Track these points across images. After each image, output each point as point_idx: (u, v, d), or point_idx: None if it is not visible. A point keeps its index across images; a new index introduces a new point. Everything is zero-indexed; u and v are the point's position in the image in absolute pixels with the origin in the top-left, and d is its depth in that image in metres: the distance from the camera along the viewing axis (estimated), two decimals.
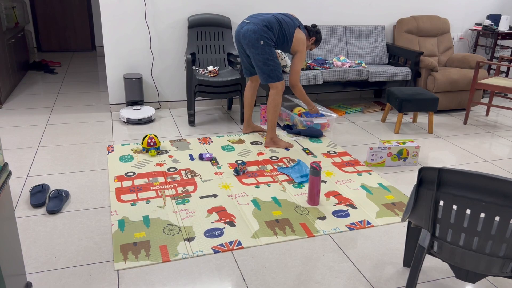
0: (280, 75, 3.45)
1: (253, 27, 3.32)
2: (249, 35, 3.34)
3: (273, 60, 3.39)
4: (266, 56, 3.36)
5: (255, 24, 3.34)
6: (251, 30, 3.33)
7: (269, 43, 3.35)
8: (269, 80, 3.44)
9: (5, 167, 1.59)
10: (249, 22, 3.37)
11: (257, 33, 3.31)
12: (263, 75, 3.44)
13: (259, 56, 3.36)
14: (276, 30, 3.38)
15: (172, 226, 2.47)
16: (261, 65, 3.40)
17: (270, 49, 3.36)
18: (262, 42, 3.32)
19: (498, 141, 3.97)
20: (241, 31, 3.41)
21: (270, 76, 3.43)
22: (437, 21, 4.99)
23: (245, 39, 3.36)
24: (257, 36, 3.31)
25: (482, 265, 1.67)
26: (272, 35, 3.36)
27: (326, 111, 4.04)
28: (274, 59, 3.39)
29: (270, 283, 2.06)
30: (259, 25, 3.32)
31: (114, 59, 4.27)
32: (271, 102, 3.51)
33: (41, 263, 2.14)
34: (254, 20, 3.37)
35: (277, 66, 3.42)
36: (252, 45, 3.34)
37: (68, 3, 7.19)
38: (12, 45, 5.09)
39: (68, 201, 2.72)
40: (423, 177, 1.70)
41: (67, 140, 3.64)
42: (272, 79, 3.44)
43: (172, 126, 4.06)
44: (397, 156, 3.33)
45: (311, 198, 2.74)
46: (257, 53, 3.36)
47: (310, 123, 3.86)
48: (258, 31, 3.31)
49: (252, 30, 3.32)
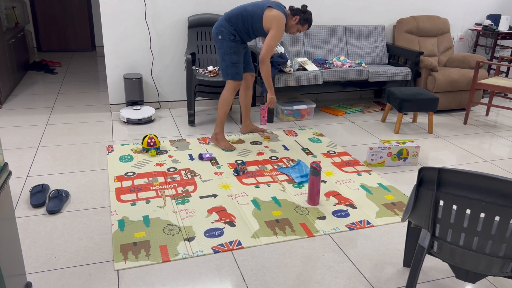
0: (235, 74, 3.39)
1: (217, 23, 3.37)
2: (213, 31, 3.39)
3: (230, 55, 3.33)
4: (222, 50, 3.34)
5: (220, 20, 3.36)
6: (214, 26, 3.38)
7: (226, 37, 3.30)
8: (224, 77, 3.43)
9: (5, 167, 1.59)
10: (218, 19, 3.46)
11: (217, 28, 3.34)
12: (221, 71, 3.46)
13: (218, 50, 3.39)
14: (239, 20, 3.29)
15: (172, 226, 2.47)
16: (220, 60, 3.41)
17: (228, 43, 3.31)
18: (221, 36, 3.31)
19: (498, 141, 3.97)
20: None
21: (225, 73, 3.41)
22: (437, 21, 4.99)
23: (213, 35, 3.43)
24: (217, 31, 3.34)
25: (482, 265, 1.67)
26: (232, 29, 3.30)
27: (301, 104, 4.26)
28: (231, 54, 3.33)
29: (270, 283, 2.06)
30: (221, 20, 3.33)
31: (114, 59, 4.27)
32: (221, 97, 3.51)
33: (41, 263, 2.14)
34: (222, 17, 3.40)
35: (233, 63, 3.36)
36: (215, 40, 3.38)
37: (68, 3, 7.19)
38: (12, 45, 5.09)
39: (68, 201, 2.72)
40: (423, 177, 1.70)
41: (67, 140, 3.64)
42: (226, 76, 3.41)
43: (172, 126, 4.06)
44: (397, 156, 3.33)
45: (311, 198, 2.74)
46: (217, 47, 3.39)
47: (290, 111, 3.97)
48: (217, 26, 3.34)
49: (215, 25, 3.37)
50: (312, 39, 4.67)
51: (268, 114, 4.18)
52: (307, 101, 4.45)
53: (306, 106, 4.30)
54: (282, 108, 4.26)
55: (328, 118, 4.42)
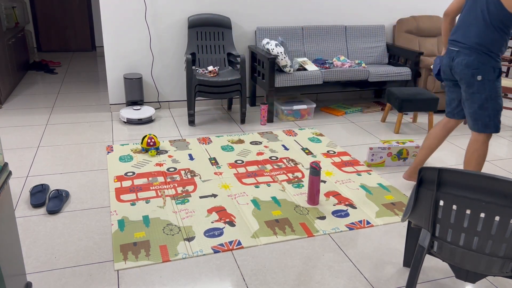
0: (498, 124, 2.57)
1: (466, 59, 2.49)
2: (462, 71, 2.53)
3: (495, 100, 2.52)
4: (484, 95, 2.51)
5: (466, 52, 2.50)
6: (463, 64, 2.51)
7: (490, 75, 2.47)
8: (481, 130, 2.59)
9: (5, 167, 1.59)
10: (458, 50, 2.54)
11: (471, 67, 2.48)
12: (474, 121, 2.61)
13: (473, 96, 2.54)
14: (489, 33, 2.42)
15: (172, 226, 2.47)
16: (476, 108, 2.56)
17: (492, 84, 2.49)
18: (480, 77, 2.48)
19: (498, 141, 3.97)
20: (452, 65, 2.60)
21: (485, 124, 2.58)
22: (437, 21, 4.99)
23: (458, 75, 2.58)
24: (472, 71, 2.49)
25: (482, 265, 1.67)
26: (494, 55, 2.46)
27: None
28: (497, 98, 2.52)
29: (270, 283, 2.06)
30: (473, 52, 2.47)
31: (114, 59, 4.27)
32: (474, 152, 2.67)
33: (41, 263, 2.14)
34: (463, 44, 2.52)
35: (498, 110, 2.55)
36: (467, 82, 2.54)
37: (68, 3, 7.19)
38: (12, 45, 5.09)
39: (68, 201, 2.72)
40: (423, 177, 1.70)
41: (67, 140, 3.64)
42: (486, 128, 2.58)
43: (172, 126, 4.06)
44: (397, 156, 3.33)
45: (310, 198, 2.74)
46: (471, 92, 2.54)
47: (290, 111, 3.97)
48: (472, 63, 2.48)
49: (465, 63, 2.50)
50: (312, 39, 4.67)
51: (268, 114, 4.18)
52: (307, 101, 4.45)
53: (306, 106, 4.30)
54: (282, 108, 4.26)
55: (328, 118, 4.42)
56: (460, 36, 2.55)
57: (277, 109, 4.36)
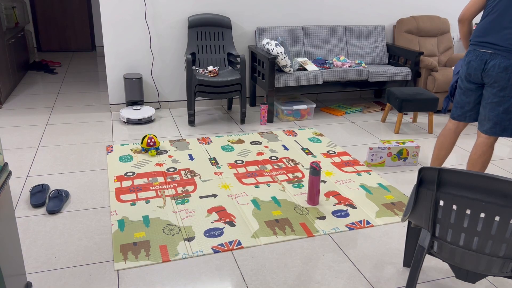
0: None
1: (505, 62, 2.43)
2: (498, 74, 2.46)
3: None
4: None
5: (505, 54, 2.44)
6: (502, 67, 2.45)
7: None
8: (498, 133, 2.58)
9: (5, 167, 1.59)
10: (493, 52, 2.47)
11: (510, 70, 2.43)
12: (493, 125, 2.57)
13: (502, 99, 2.50)
14: None
15: (172, 226, 2.47)
16: (500, 111, 2.53)
17: None
18: None
19: (498, 141, 3.97)
20: (485, 67, 2.52)
21: (504, 129, 2.56)
22: (437, 21, 4.99)
23: (491, 78, 2.50)
24: (510, 75, 2.44)
25: (482, 265, 1.67)
26: None
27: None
28: None
29: (270, 283, 2.06)
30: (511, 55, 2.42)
31: (114, 59, 4.27)
32: (481, 155, 2.67)
33: (41, 263, 2.14)
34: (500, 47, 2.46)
35: None
36: (500, 86, 2.48)
37: (68, 3, 7.19)
38: (12, 45, 5.09)
39: (68, 201, 2.72)
40: (423, 177, 1.70)
41: (67, 140, 3.64)
42: (504, 132, 2.57)
43: (172, 126, 4.06)
44: (397, 156, 3.33)
45: (310, 198, 2.74)
46: (501, 95, 2.49)
47: (290, 111, 3.97)
48: (511, 66, 2.43)
49: (504, 66, 2.44)
50: (312, 39, 4.67)
51: (268, 114, 4.18)
52: (307, 101, 4.45)
53: (306, 106, 4.30)
54: (282, 108, 4.26)
55: (328, 118, 4.42)
56: (494, 38, 2.48)
57: (277, 109, 4.36)
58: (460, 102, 2.75)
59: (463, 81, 2.69)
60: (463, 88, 2.71)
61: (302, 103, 4.36)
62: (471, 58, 2.59)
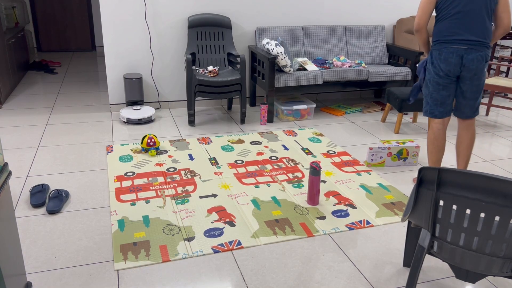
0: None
1: (481, 54, 2.65)
2: (478, 66, 2.67)
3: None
4: (483, 79, 2.76)
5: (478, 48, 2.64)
6: (479, 59, 2.66)
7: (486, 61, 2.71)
8: (477, 112, 2.86)
9: (5, 167, 1.59)
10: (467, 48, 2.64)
11: (485, 59, 2.68)
12: (477, 109, 2.85)
13: (480, 84, 2.75)
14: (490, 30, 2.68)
15: (172, 226, 2.47)
16: (479, 95, 2.79)
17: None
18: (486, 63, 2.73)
19: (498, 141, 3.97)
20: (463, 62, 2.67)
21: (479, 106, 2.89)
22: None
23: (471, 71, 2.69)
24: (485, 64, 2.70)
25: (482, 265, 1.67)
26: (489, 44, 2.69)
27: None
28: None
29: (270, 283, 2.06)
30: (483, 47, 2.65)
31: (114, 59, 4.27)
32: (473, 136, 2.92)
33: (41, 263, 2.14)
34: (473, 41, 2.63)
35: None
36: (478, 75, 2.71)
37: (68, 3, 7.19)
38: (12, 45, 5.09)
39: (68, 201, 2.72)
40: (423, 177, 1.70)
41: (67, 140, 3.64)
42: (478, 109, 2.88)
43: (172, 126, 4.06)
44: (397, 156, 3.33)
45: (310, 198, 2.74)
46: (480, 82, 2.75)
47: (290, 111, 3.96)
48: (485, 56, 2.68)
49: (481, 57, 2.66)
50: (312, 39, 4.67)
51: (268, 114, 4.18)
52: (307, 101, 4.45)
53: (306, 106, 4.30)
54: (282, 108, 4.26)
55: (328, 118, 4.42)
56: (465, 35, 2.66)
57: (277, 109, 4.36)
58: (440, 98, 2.83)
59: (442, 77, 2.78)
60: (442, 84, 2.79)
61: (302, 103, 4.36)
62: (447, 55, 2.70)
